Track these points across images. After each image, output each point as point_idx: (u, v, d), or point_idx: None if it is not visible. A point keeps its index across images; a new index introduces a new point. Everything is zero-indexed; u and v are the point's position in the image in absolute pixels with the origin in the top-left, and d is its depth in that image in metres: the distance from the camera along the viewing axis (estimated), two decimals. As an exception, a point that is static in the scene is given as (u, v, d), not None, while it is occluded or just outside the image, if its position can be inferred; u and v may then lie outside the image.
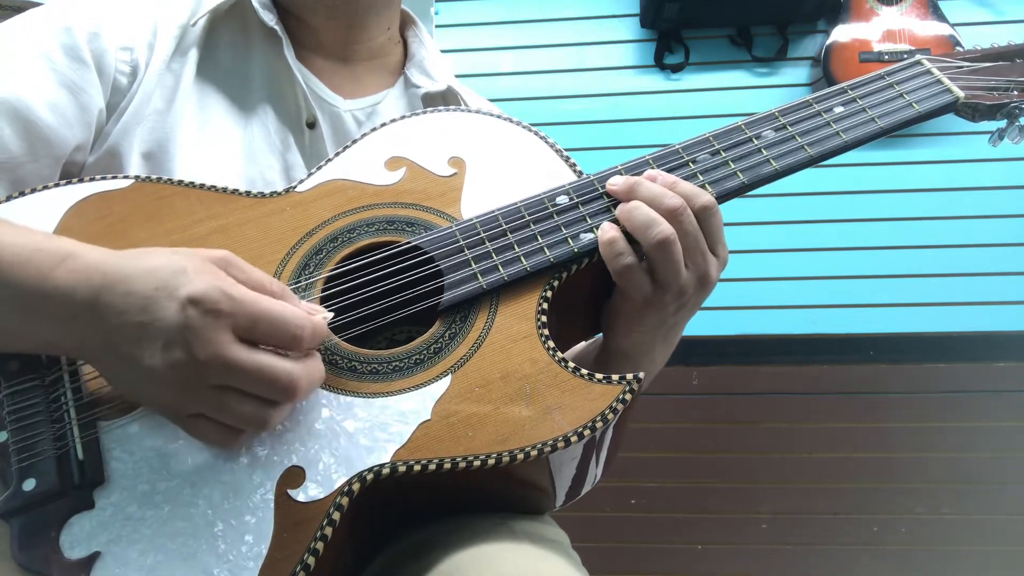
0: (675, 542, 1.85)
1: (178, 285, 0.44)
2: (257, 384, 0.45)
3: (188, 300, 0.43)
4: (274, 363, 0.45)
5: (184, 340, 0.43)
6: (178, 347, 0.43)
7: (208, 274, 0.45)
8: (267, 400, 0.46)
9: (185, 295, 0.43)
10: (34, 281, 0.46)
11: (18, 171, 0.62)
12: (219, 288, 0.44)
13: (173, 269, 0.45)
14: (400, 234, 0.60)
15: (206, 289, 0.44)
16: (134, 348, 0.44)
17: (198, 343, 0.43)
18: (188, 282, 0.44)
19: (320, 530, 0.47)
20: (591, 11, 1.91)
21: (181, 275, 0.44)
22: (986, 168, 1.79)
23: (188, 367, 0.44)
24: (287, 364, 0.46)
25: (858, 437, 1.81)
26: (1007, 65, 0.66)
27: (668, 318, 0.61)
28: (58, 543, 0.46)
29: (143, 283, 0.45)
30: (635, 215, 0.57)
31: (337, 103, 0.76)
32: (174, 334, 0.43)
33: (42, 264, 0.46)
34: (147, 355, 0.44)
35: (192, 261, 0.46)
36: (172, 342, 0.43)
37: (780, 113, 0.65)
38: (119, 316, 0.44)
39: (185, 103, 0.69)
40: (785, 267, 1.82)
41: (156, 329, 0.44)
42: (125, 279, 0.45)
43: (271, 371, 0.45)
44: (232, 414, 0.46)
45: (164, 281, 0.44)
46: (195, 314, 0.43)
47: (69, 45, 0.64)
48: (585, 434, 0.49)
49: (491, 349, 0.54)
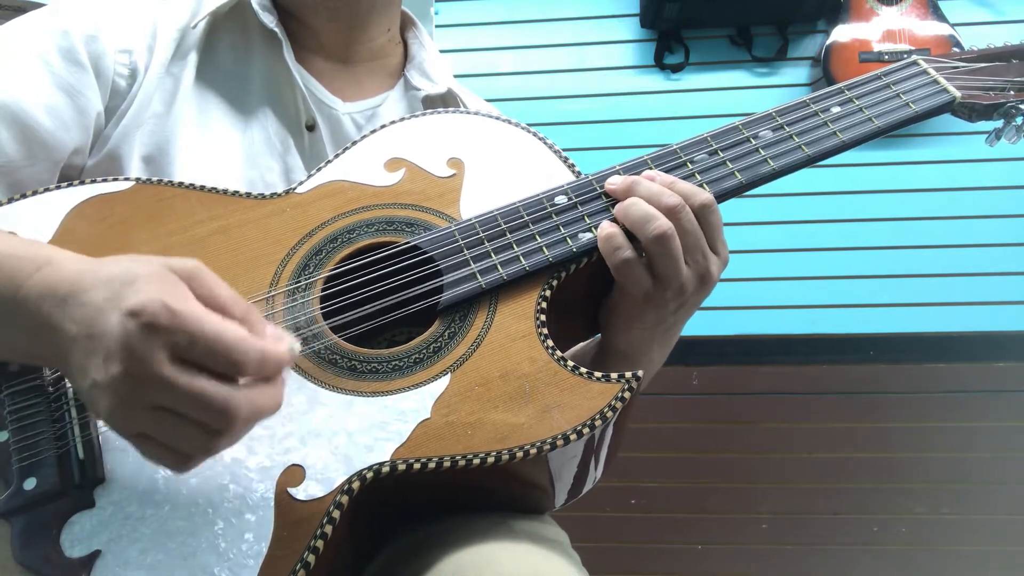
0: (675, 542, 1.85)
1: (124, 296, 0.41)
2: (190, 407, 0.41)
3: (128, 312, 0.40)
4: (207, 387, 0.41)
5: (121, 354, 0.40)
6: (116, 361, 0.40)
7: (157, 285, 0.42)
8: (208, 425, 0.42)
9: (126, 307, 0.40)
10: (9, 289, 0.45)
11: (16, 175, 0.62)
12: (160, 301, 0.40)
13: (125, 279, 0.42)
14: (399, 234, 0.60)
15: (146, 302, 0.40)
16: (83, 360, 0.42)
17: (132, 359, 0.40)
18: (134, 293, 0.41)
19: (320, 528, 0.47)
20: (591, 11, 1.91)
21: (130, 285, 0.42)
22: (986, 168, 1.79)
23: (125, 383, 0.40)
24: (224, 390, 0.41)
25: (858, 437, 1.81)
26: (1003, 65, 0.67)
27: (668, 316, 0.61)
28: (59, 542, 0.47)
29: (97, 293, 0.43)
30: (632, 211, 0.57)
31: (336, 106, 0.76)
32: (113, 347, 0.40)
33: (20, 271, 0.45)
34: (93, 368, 0.41)
35: (148, 270, 0.43)
36: (111, 355, 0.40)
37: (777, 113, 0.65)
38: (76, 327, 0.42)
39: (185, 106, 0.69)
40: (785, 267, 1.82)
41: (98, 342, 0.41)
42: (85, 289, 0.43)
43: (203, 396, 0.41)
44: (175, 438, 0.43)
45: (115, 292, 0.42)
46: (133, 327, 0.40)
47: (66, 48, 0.64)
48: (584, 432, 0.50)
49: (490, 348, 0.54)
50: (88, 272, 0.44)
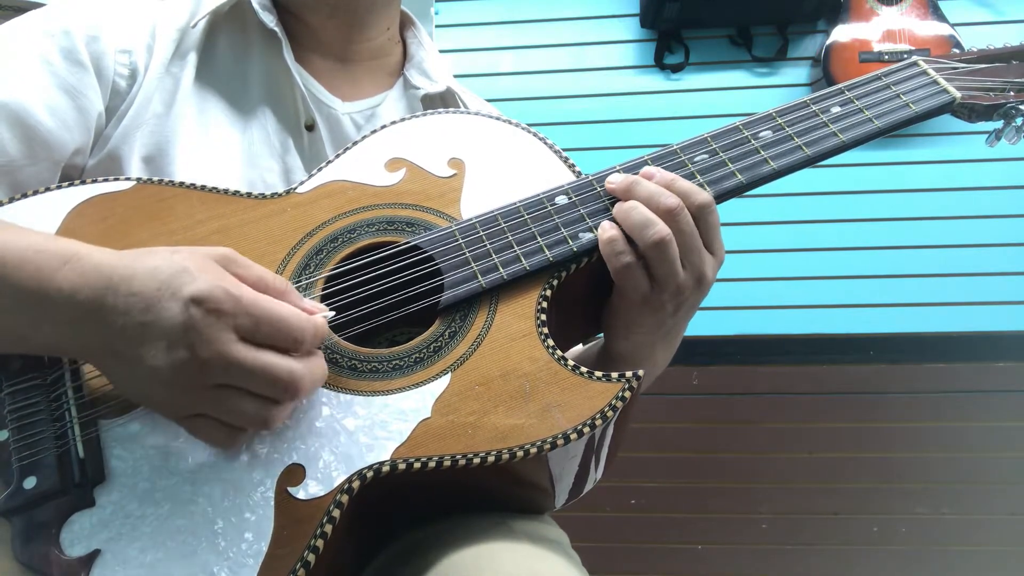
0: (675, 542, 1.85)
1: (181, 284, 0.44)
2: (260, 383, 0.46)
3: (191, 299, 0.43)
4: (277, 362, 0.46)
5: (187, 340, 0.43)
6: (182, 347, 0.43)
7: (210, 273, 0.45)
8: (269, 399, 0.47)
9: (188, 295, 0.43)
10: (36, 283, 0.46)
11: (17, 174, 0.62)
12: (222, 287, 0.44)
13: (175, 268, 0.45)
14: (400, 234, 0.60)
15: (209, 288, 0.44)
16: (137, 349, 0.44)
17: (201, 343, 0.43)
18: (191, 281, 0.44)
19: (320, 527, 0.47)
20: (591, 11, 1.91)
21: (184, 274, 0.44)
22: (986, 168, 1.79)
23: (191, 367, 0.44)
24: (290, 363, 0.46)
25: (858, 437, 1.81)
26: (1003, 66, 0.67)
27: (667, 319, 0.61)
28: (59, 541, 0.47)
29: (145, 283, 0.44)
30: (632, 215, 0.57)
31: (336, 105, 0.76)
32: (178, 334, 0.43)
33: (45, 266, 0.46)
34: (150, 356, 0.44)
35: (194, 260, 0.46)
36: (175, 342, 0.43)
37: (778, 114, 0.65)
38: (122, 317, 0.44)
39: (185, 106, 0.69)
40: (785, 267, 1.82)
41: (159, 329, 0.44)
42: (127, 279, 0.45)
43: (274, 370, 0.45)
44: (234, 413, 0.46)
45: (166, 281, 0.44)
46: (198, 314, 0.43)
47: (68, 48, 0.64)
48: (584, 432, 0.50)
49: (491, 347, 0.54)
50: (125, 264, 0.46)
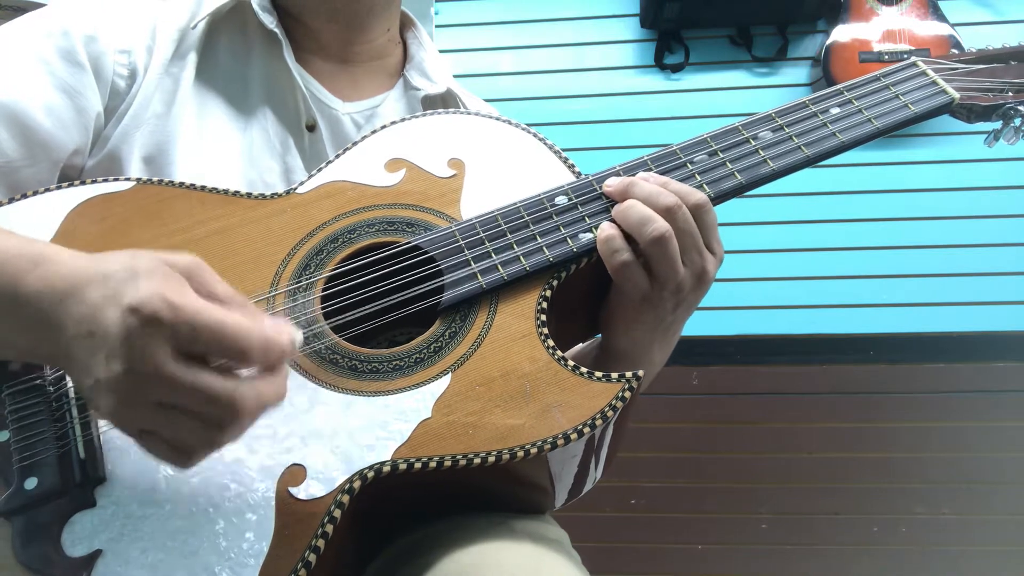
0: (675, 542, 1.85)
1: (124, 292, 0.41)
2: (195, 402, 0.41)
3: (129, 308, 0.40)
4: (212, 381, 0.41)
5: (124, 352, 0.40)
6: (118, 359, 0.40)
7: (157, 280, 0.41)
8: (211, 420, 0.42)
9: (127, 303, 0.40)
10: (9, 287, 0.45)
11: (16, 175, 0.62)
12: (160, 295, 0.40)
13: (124, 275, 0.42)
14: (400, 235, 0.60)
15: (146, 297, 0.40)
16: (86, 358, 0.42)
17: (136, 356, 0.40)
18: (134, 288, 0.41)
19: (321, 528, 0.47)
20: (591, 11, 1.91)
21: (130, 281, 0.41)
22: (986, 168, 1.79)
23: (128, 380, 0.40)
24: (229, 383, 0.41)
25: (858, 437, 1.81)
26: (1001, 67, 0.67)
27: (666, 316, 0.61)
28: (60, 541, 0.47)
29: (96, 290, 0.42)
30: (630, 213, 0.57)
31: (336, 106, 0.76)
32: (115, 344, 0.40)
33: (17, 269, 0.45)
34: (95, 366, 0.41)
35: (147, 265, 0.42)
36: (113, 352, 0.40)
37: (777, 114, 0.65)
38: (75, 325, 0.42)
39: (184, 107, 0.69)
40: (785, 267, 1.82)
41: (100, 339, 0.41)
42: (84, 285, 0.43)
43: (209, 389, 0.41)
44: (175, 432, 0.42)
45: (114, 288, 0.41)
46: (134, 323, 0.40)
47: (66, 49, 0.64)
48: (585, 432, 0.50)
49: (491, 348, 0.55)
50: (85, 269, 0.44)
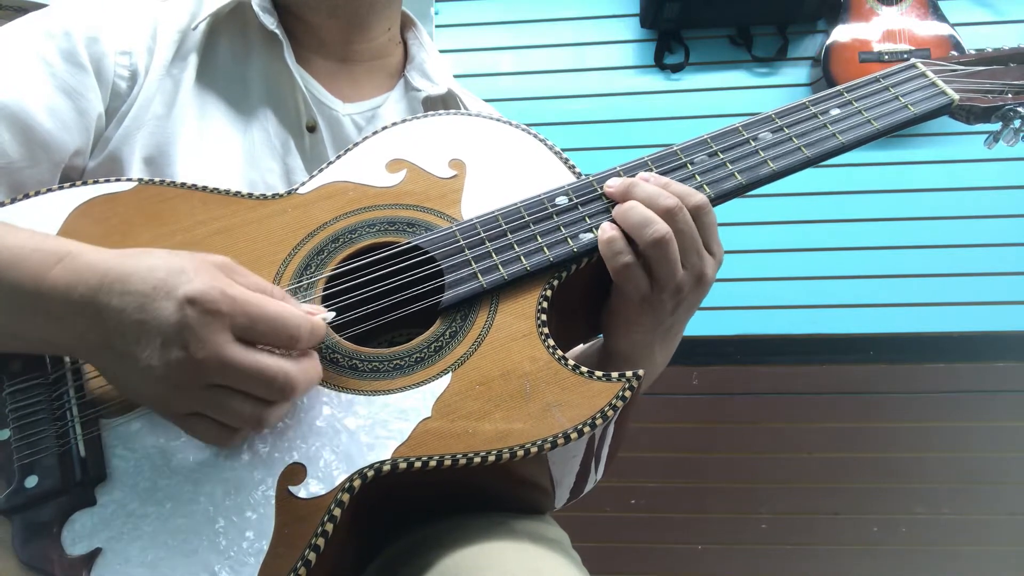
0: (675, 542, 1.86)
1: (177, 284, 0.44)
2: (254, 383, 0.46)
3: (186, 299, 0.43)
4: (271, 362, 0.46)
5: (182, 339, 0.43)
6: (176, 346, 0.43)
7: (207, 274, 0.45)
8: (264, 399, 0.47)
9: (183, 294, 0.43)
10: (31, 280, 0.46)
11: (17, 176, 0.62)
12: (218, 288, 0.44)
13: (171, 268, 0.45)
14: (401, 235, 0.61)
15: (204, 288, 0.44)
16: (132, 347, 0.44)
17: (196, 342, 0.43)
18: (187, 281, 0.44)
19: (321, 526, 0.47)
20: (591, 11, 1.91)
21: (180, 274, 0.45)
22: (986, 168, 1.79)
23: (186, 366, 0.44)
24: (284, 363, 0.46)
25: (858, 437, 1.81)
26: (1001, 68, 0.67)
27: (666, 318, 0.61)
28: (60, 540, 0.47)
29: (141, 282, 0.45)
30: (631, 215, 0.57)
31: (336, 106, 0.76)
32: (172, 333, 0.43)
33: (40, 263, 0.46)
34: (145, 354, 0.44)
35: (192, 261, 0.46)
36: (170, 341, 0.43)
37: (777, 115, 0.65)
38: (117, 315, 0.44)
39: (185, 108, 0.69)
40: (785, 267, 1.82)
41: (154, 328, 0.44)
42: (123, 278, 0.45)
43: (268, 370, 0.45)
44: (229, 413, 0.46)
45: (162, 280, 0.44)
46: (193, 313, 0.43)
47: (67, 50, 0.64)
48: (585, 431, 0.50)
49: (491, 347, 0.55)
50: (121, 262, 0.46)
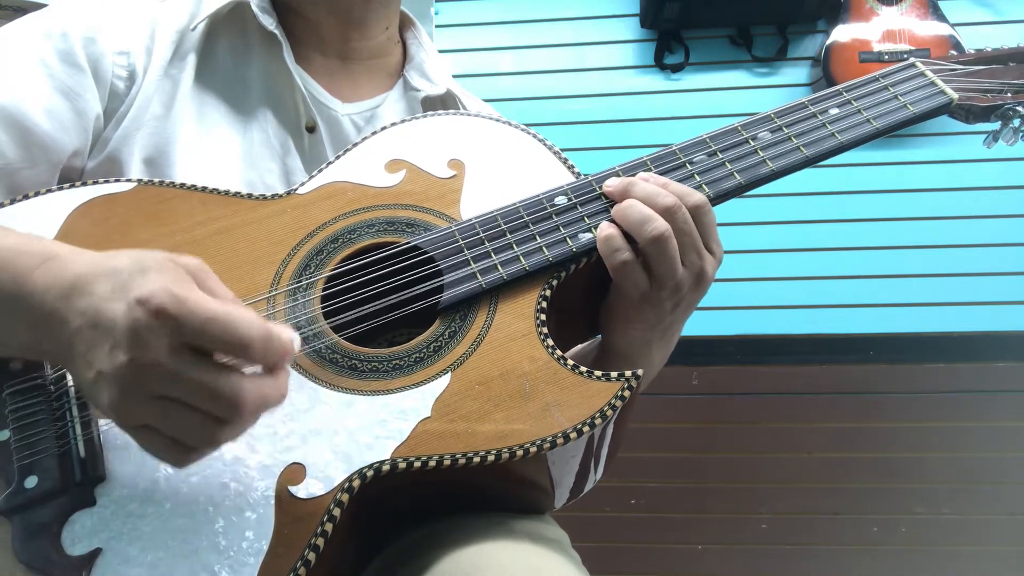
0: (675, 542, 1.86)
1: (132, 285, 0.41)
2: (199, 397, 0.41)
3: (136, 300, 0.40)
4: (218, 376, 0.41)
5: (128, 343, 0.40)
6: (122, 350, 0.40)
7: (166, 275, 0.42)
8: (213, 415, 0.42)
9: (135, 295, 0.41)
10: (12, 283, 0.45)
11: (15, 177, 0.62)
12: (168, 289, 0.40)
13: (132, 270, 0.43)
14: (400, 235, 0.61)
15: (154, 290, 0.40)
16: (89, 351, 0.42)
17: (139, 347, 0.40)
18: (142, 282, 0.41)
19: (321, 526, 0.47)
20: (591, 11, 1.91)
21: (139, 275, 0.42)
22: (986, 168, 1.79)
23: (131, 372, 0.40)
24: (233, 379, 0.42)
25: (858, 437, 1.81)
26: (1000, 68, 0.67)
27: (665, 316, 0.61)
28: (59, 540, 0.47)
29: (104, 283, 0.43)
30: (630, 212, 0.57)
31: (335, 107, 0.76)
32: (119, 336, 0.40)
33: (23, 266, 0.46)
34: (98, 359, 0.41)
35: (156, 261, 0.43)
36: (118, 344, 0.41)
37: (776, 115, 0.65)
38: (80, 318, 0.43)
39: (184, 108, 0.69)
40: (785, 267, 1.82)
41: (105, 331, 0.41)
42: (91, 280, 0.43)
43: (213, 384, 0.41)
44: (179, 428, 0.42)
45: (122, 282, 0.42)
46: (141, 315, 0.40)
47: (65, 51, 0.64)
48: (584, 431, 0.50)
49: (490, 347, 0.55)
50: (92, 264, 0.45)
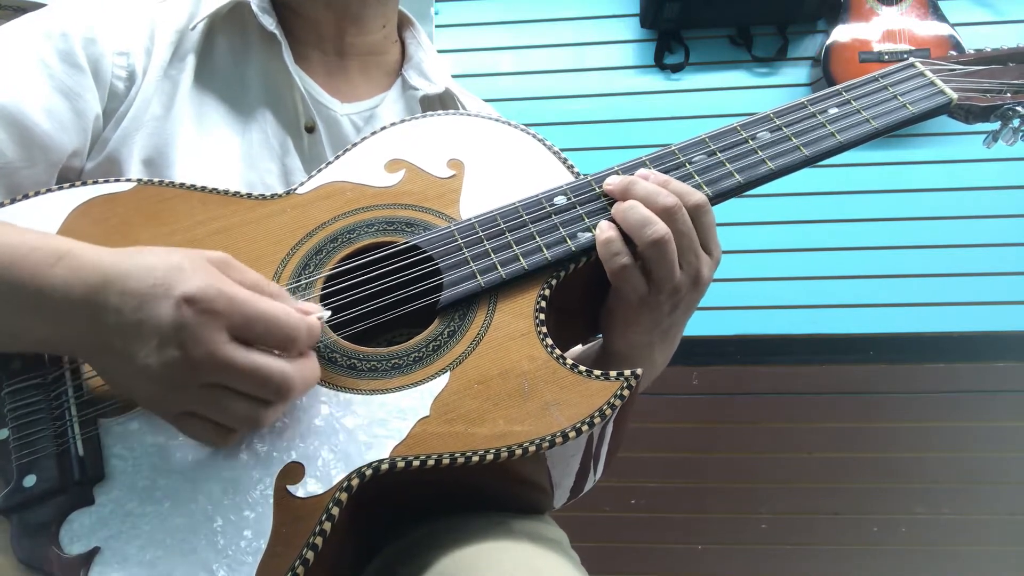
0: (675, 542, 1.86)
1: (175, 283, 0.44)
2: (251, 383, 0.45)
3: (184, 298, 0.43)
4: (269, 363, 0.45)
5: (179, 338, 0.43)
6: (173, 345, 0.43)
7: (205, 272, 0.45)
8: (260, 399, 0.47)
9: (181, 293, 0.43)
10: (30, 279, 0.46)
11: (14, 176, 0.62)
12: (215, 287, 0.44)
13: (170, 266, 0.45)
14: (399, 234, 0.61)
15: (202, 287, 0.44)
16: (129, 345, 0.44)
17: (193, 342, 0.43)
18: (185, 280, 0.44)
19: (319, 525, 0.47)
20: (591, 11, 1.91)
21: (178, 273, 0.44)
22: (986, 168, 1.79)
23: (182, 365, 0.43)
24: (281, 364, 0.46)
25: (858, 437, 1.81)
26: (1000, 68, 0.67)
27: (663, 319, 0.61)
28: (58, 539, 0.47)
29: (139, 280, 0.44)
30: (630, 214, 0.57)
31: (334, 107, 0.76)
32: (169, 332, 0.43)
33: (39, 263, 0.46)
34: (142, 353, 0.44)
35: (190, 260, 0.46)
36: (167, 340, 0.43)
37: (775, 114, 0.65)
38: (115, 314, 0.44)
39: (184, 109, 0.69)
40: (785, 267, 1.82)
41: (151, 327, 0.43)
42: (122, 276, 0.45)
43: (266, 371, 0.45)
44: (225, 413, 0.46)
45: (160, 279, 0.44)
46: (190, 312, 0.43)
47: (65, 51, 0.64)
48: (583, 430, 0.50)
49: (490, 346, 0.55)
50: (117, 261, 0.46)
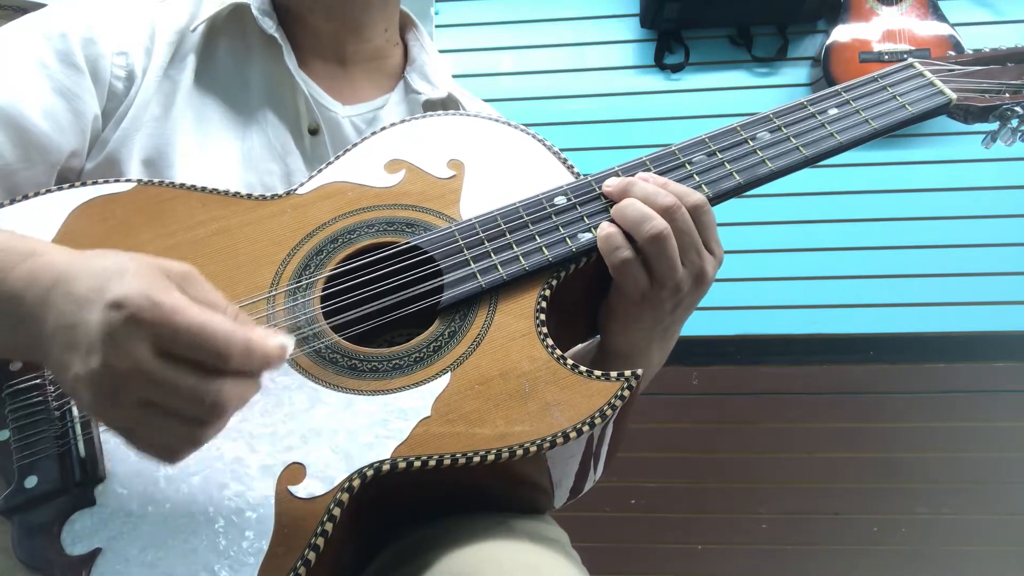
0: (675, 542, 1.86)
1: (108, 287, 0.40)
2: (177, 400, 0.40)
3: (111, 303, 0.39)
4: (198, 382, 0.40)
5: (103, 348, 0.39)
6: (96, 355, 0.39)
7: (144, 279, 0.40)
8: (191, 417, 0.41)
9: (110, 297, 0.39)
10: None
11: (13, 177, 0.62)
12: (146, 294, 0.39)
13: (114, 271, 0.41)
14: (400, 235, 0.61)
15: (131, 294, 0.39)
16: (64, 353, 0.41)
17: (115, 353, 0.39)
18: (118, 284, 0.40)
19: (321, 526, 0.47)
20: (591, 11, 1.92)
21: (118, 277, 0.41)
22: (986, 168, 1.79)
23: (107, 377, 0.39)
24: (214, 384, 0.41)
25: (858, 437, 1.81)
26: (998, 68, 0.67)
27: (664, 316, 0.61)
28: (59, 540, 0.47)
29: (83, 284, 0.42)
30: (629, 211, 0.58)
31: (336, 109, 0.76)
32: (95, 339, 0.39)
33: (4, 263, 0.45)
34: (74, 361, 0.40)
35: (139, 265, 0.42)
36: (92, 348, 0.39)
37: (775, 115, 0.65)
38: (57, 318, 0.42)
39: (183, 110, 0.69)
40: (785, 267, 1.82)
41: (81, 333, 0.40)
42: (71, 279, 0.42)
43: (190, 390, 0.40)
44: (156, 432, 0.42)
45: (100, 283, 0.41)
46: (116, 319, 0.39)
47: (63, 51, 0.64)
48: (584, 430, 0.50)
49: (490, 347, 0.55)
50: (72, 263, 0.44)
